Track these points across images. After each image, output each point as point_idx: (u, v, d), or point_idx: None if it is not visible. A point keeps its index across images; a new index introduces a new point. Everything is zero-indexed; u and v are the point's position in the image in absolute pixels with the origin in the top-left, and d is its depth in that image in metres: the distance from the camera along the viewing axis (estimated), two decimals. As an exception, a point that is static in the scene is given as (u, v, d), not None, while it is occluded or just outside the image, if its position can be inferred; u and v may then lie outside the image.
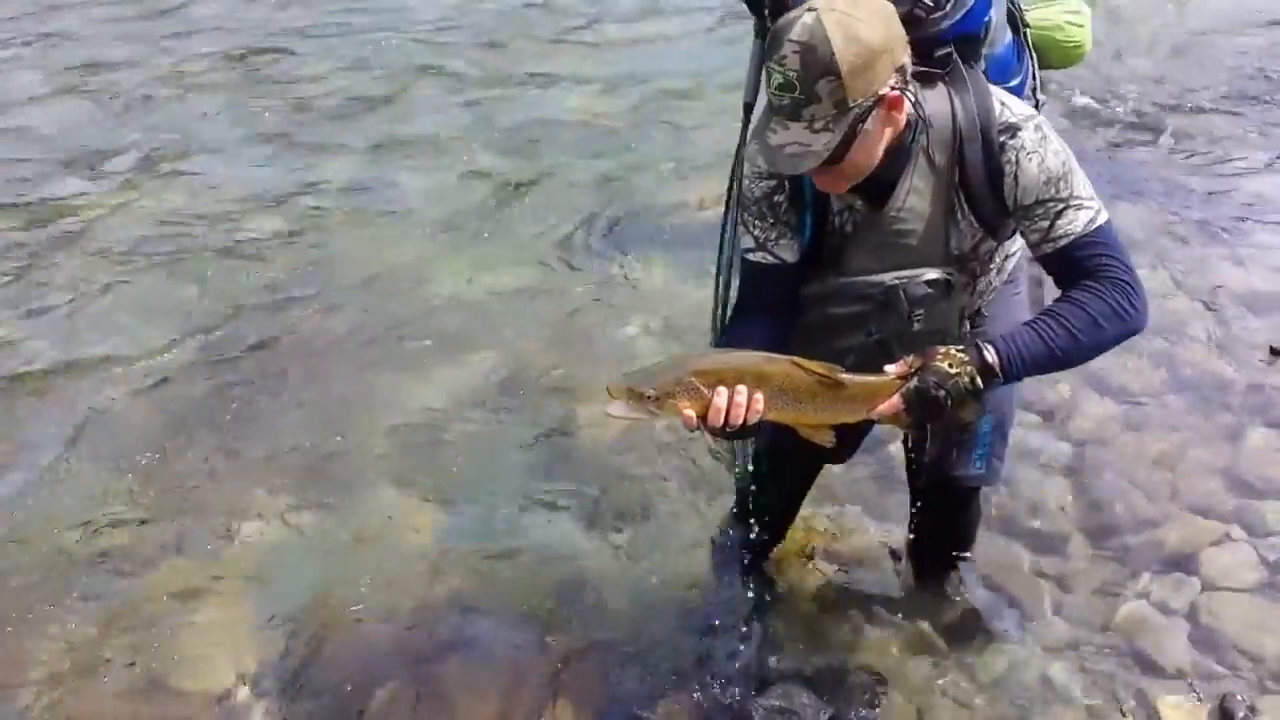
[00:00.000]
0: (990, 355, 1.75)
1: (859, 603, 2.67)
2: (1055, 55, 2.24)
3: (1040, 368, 1.80)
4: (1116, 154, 5.20)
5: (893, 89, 1.69)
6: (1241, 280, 3.96)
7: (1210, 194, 4.69)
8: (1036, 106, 2.11)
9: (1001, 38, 2.03)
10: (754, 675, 2.41)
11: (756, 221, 1.95)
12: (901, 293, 1.88)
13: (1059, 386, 3.37)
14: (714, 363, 1.73)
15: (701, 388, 1.67)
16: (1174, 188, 4.78)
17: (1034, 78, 2.17)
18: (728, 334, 2.11)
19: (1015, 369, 1.76)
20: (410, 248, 4.58)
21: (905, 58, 1.71)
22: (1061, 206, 1.80)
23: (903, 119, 1.75)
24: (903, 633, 2.58)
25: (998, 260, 2.04)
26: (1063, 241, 1.80)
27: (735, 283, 2.21)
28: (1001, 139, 1.79)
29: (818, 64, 1.62)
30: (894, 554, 2.78)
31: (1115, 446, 3.14)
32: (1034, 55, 2.17)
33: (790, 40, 1.63)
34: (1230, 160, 5.01)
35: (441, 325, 3.98)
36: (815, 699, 2.24)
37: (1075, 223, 1.79)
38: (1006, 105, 1.83)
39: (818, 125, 1.66)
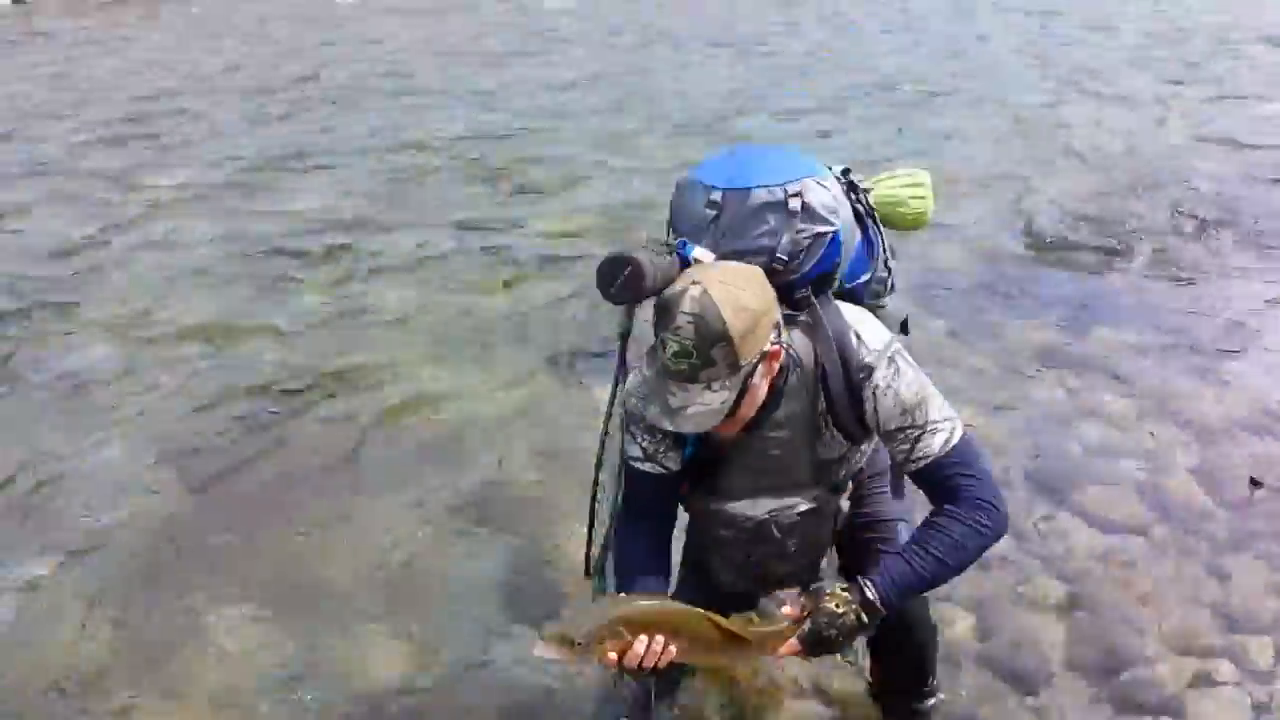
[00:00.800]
0: (870, 593, 1.90)
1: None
2: (901, 224, 2.35)
3: (916, 592, 1.98)
4: (1088, 278, 5.30)
5: (773, 344, 1.86)
6: (1219, 409, 3.99)
7: (1185, 317, 4.77)
8: (888, 276, 2.26)
9: (851, 243, 2.10)
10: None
11: (645, 435, 2.06)
12: (773, 525, 2.09)
13: (1047, 521, 3.36)
14: (638, 613, 1.87)
15: (626, 634, 1.83)
16: (1148, 311, 4.86)
17: (884, 250, 2.26)
18: (618, 541, 2.20)
19: (893, 600, 1.92)
20: (394, 360, 4.60)
21: (778, 314, 1.88)
22: (918, 433, 1.95)
23: (778, 366, 1.91)
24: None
25: (866, 450, 2.18)
26: (923, 463, 1.96)
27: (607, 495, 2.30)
28: (860, 376, 1.94)
29: (711, 333, 1.77)
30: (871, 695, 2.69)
31: (1102, 581, 3.10)
32: (882, 233, 2.25)
33: (683, 312, 1.78)
34: (1205, 284, 5.11)
35: (421, 441, 3.97)
36: None
37: (931, 446, 1.94)
38: (862, 340, 1.96)
39: (715, 386, 1.81)
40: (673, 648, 1.86)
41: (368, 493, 3.67)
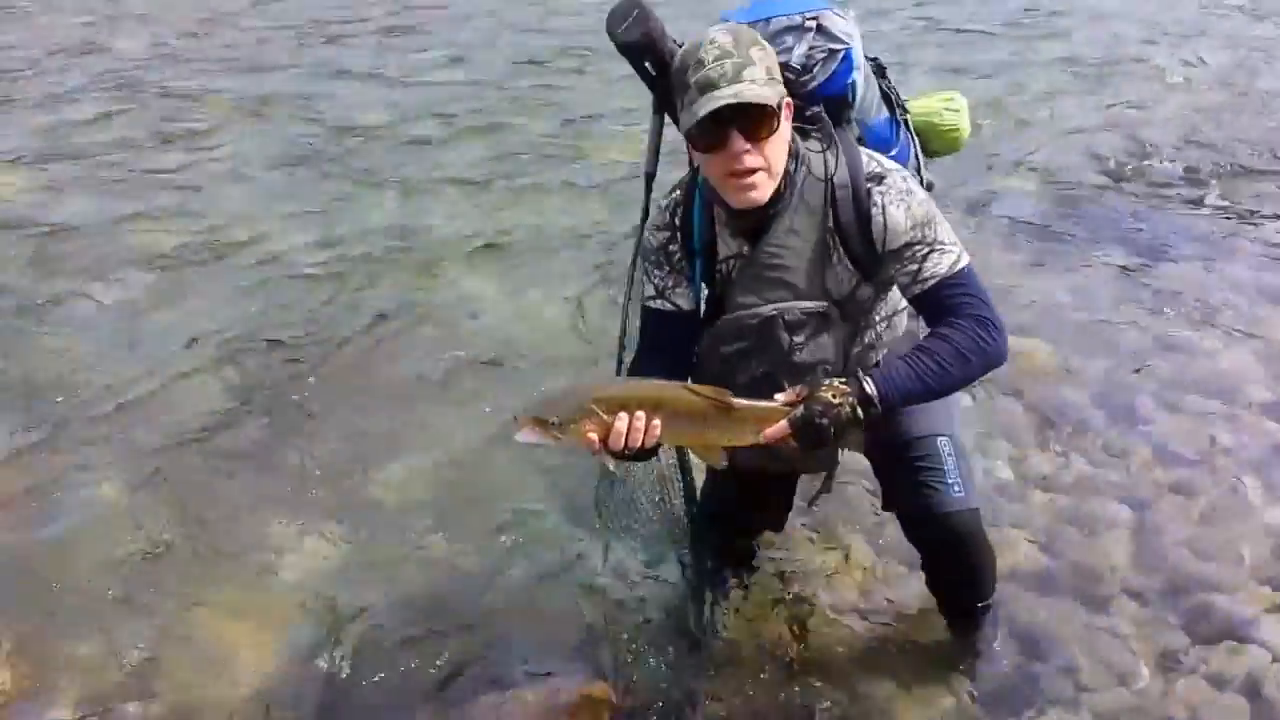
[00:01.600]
0: (869, 387, 1.90)
1: (896, 661, 2.56)
2: (936, 141, 2.45)
3: (915, 398, 1.96)
4: (1166, 212, 5.15)
5: (784, 98, 1.92)
6: (1293, 340, 3.88)
7: (1258, 253, 4.62)
8: (921, 179, 2.31)
9: (875, 110, 2.23)
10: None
11: (655, 270, 2.13)
12: (780, 320, 2.04)
13: (1114, 445, 3.30)
14: (613, 390, 1.88)
15: (602, 414, 1.79)
16: (1219, 246, 4.72)
17: (917, 158, 2.36)
18: (628, 374, 2.26)
19: (892, 399, 1.91)
20: (450, 281, 4.63)
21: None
22: (927, 250, 1.97)
23: (789, 133, 1.95)
24: (944, 696, 2.47)
25: (882, 311, 2.18)
26: (930, 283, 1.98)
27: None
28: (869, 185, 1.97)
29: (746, 37, 1.88)
30: (927, 609, 2.67)
31: (1169, 509, 3.03)
32: (915, 139, 2.36)
33: (713, 32, 1.88)
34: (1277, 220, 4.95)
35: (478, 362, 3.98)
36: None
37: (940, 265, 1.97)
38: (874, 158, 2.02)
39: (760, 80, 1.86)
40: (656, 423, 1.83)
41: (429, 407, 3.70)
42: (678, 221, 2.12)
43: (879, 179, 1.97)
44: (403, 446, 3.48)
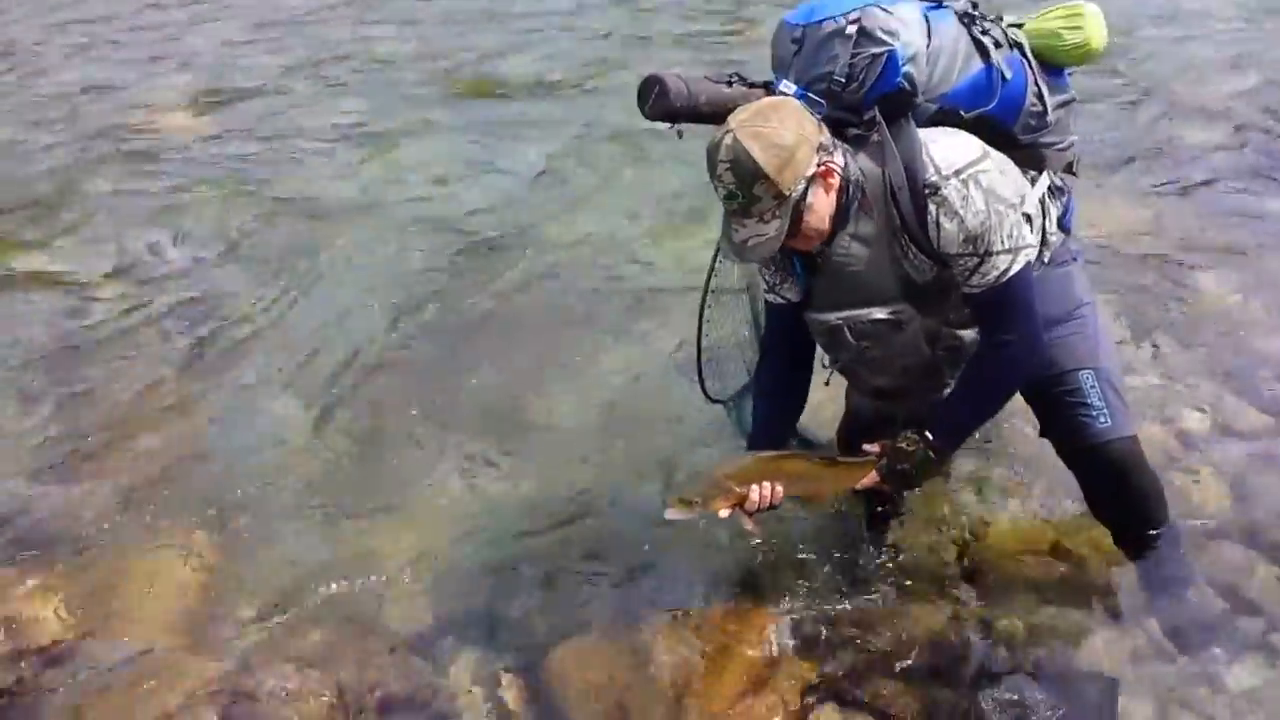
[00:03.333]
0: (933, 439, 2.17)
1: (1079, 596, 2.50)
2: (1065, 57, 2.31)
3: (969, 430, 2.34)
4: None
5: (819, 166, 1.96)
6: None
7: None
8: (1044, 112, 2.24)
9: (959, 73, 2.17)
10: (981, 668, 2.29)
11: (764, 269, 2.26)
12: (846, 330, 2.19)
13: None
14: (736, 469, 2.22)
15: (734, 488, 2.17)
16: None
17: (1037, 84, 2.25)
18: (757, 369, 2.53)
19: (951, 442, 2.24)
20: (607, 222, 4.65)
21: (821, 136, 1.97)
22: (976, 262, 2.03)
23: (837, 182, 2.00)
24: (1130, 631, 2.40)
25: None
26: (976, 290, 2.08)
27: (711, 313, 2.64)
28: (926, 193, 2.00)
29: (747, 174, 1.92)
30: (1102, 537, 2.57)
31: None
32: (1033, 69, 2.25)
33: (720, 161, 1.95)
34: None
35: (635, 298, 4.01)
36: (1048, 697, 2.12)
37: (987, 276, 2.05)
38: (934, 160, 2.01)
39: (766, 217, 1.97)
40: (779, 488, 2.18)
41: (583, 337, 3.77)
42: None
43: (935, 190, 2.00)
44: (559, 377, 3.54)
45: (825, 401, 2.66)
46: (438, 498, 3.02)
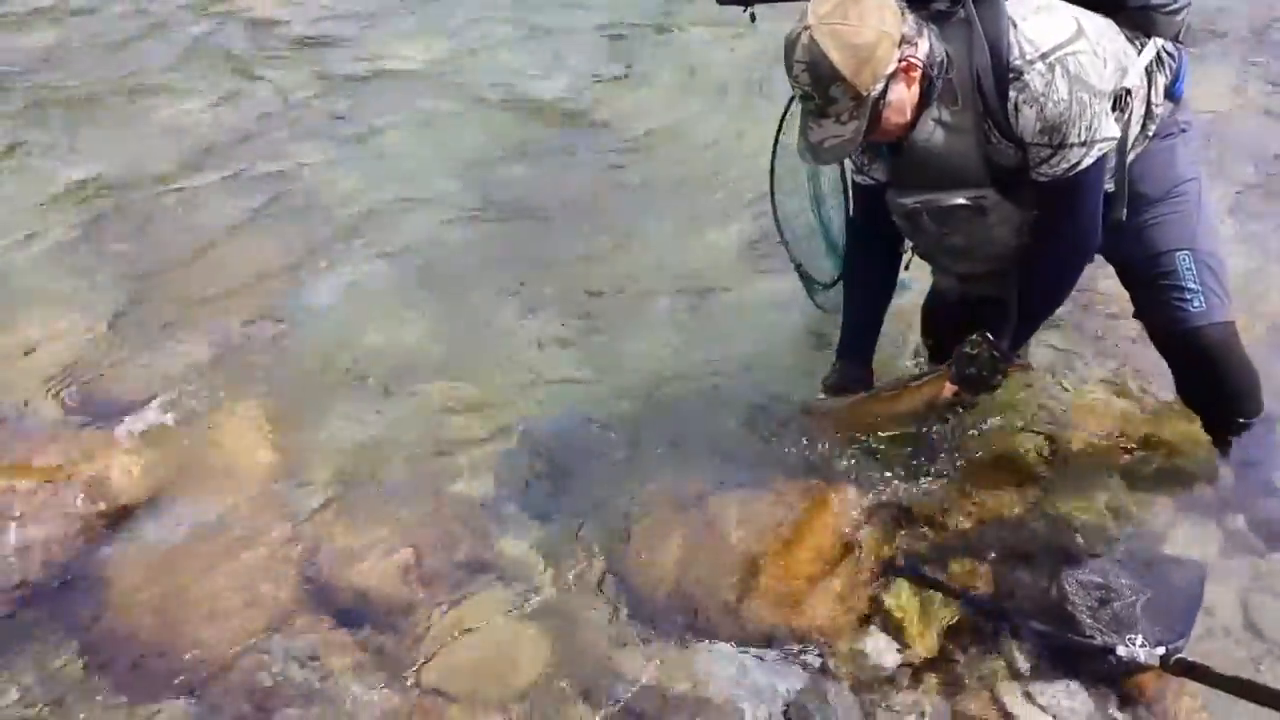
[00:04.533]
0: (993, 338, 2.15)
1: (1167, 485, 2.44)
2: None
3: (1029, 330, 2.30)
4: None
5: (900, 62, 1.89)
6: None
7: None
8: None
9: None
10: (1063, 552, 2.25)
11: (855, 151, 2.16)
12: (923, 214, 2.15)
13: None
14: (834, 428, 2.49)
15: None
16: None
17: None
18: (847, 253, 2.56)
19: (1014, 342, 2.22)
20: (695, 110, 4.48)
21: (904, 27, 1.89)
22: (1050, 152, 1.97)
23: (919, 74, 1.93)
24: (1218, 521, 2.35)
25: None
26: (1042, 179, 2.02)
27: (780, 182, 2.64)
28: (1010, 78, 1.92)
29: (824, 76, 1.86)
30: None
31: None
32: None
33: (796, 60, 1.89)
34: None
35: (728, 186, 3.86)
36: (1133, 580, 2.06)
37: (1057, 168, 1.99)
38: (1023, 40, 1.91)
39: (844, 118, 1.91)
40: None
41: (654, 215, 3.70)
42: None
43: (1018, 75, 1.91)
44: (640, 259, 3.49)
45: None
46: (514, 372, 3.00)
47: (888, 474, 2.50)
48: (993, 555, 2.28)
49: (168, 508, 2.58)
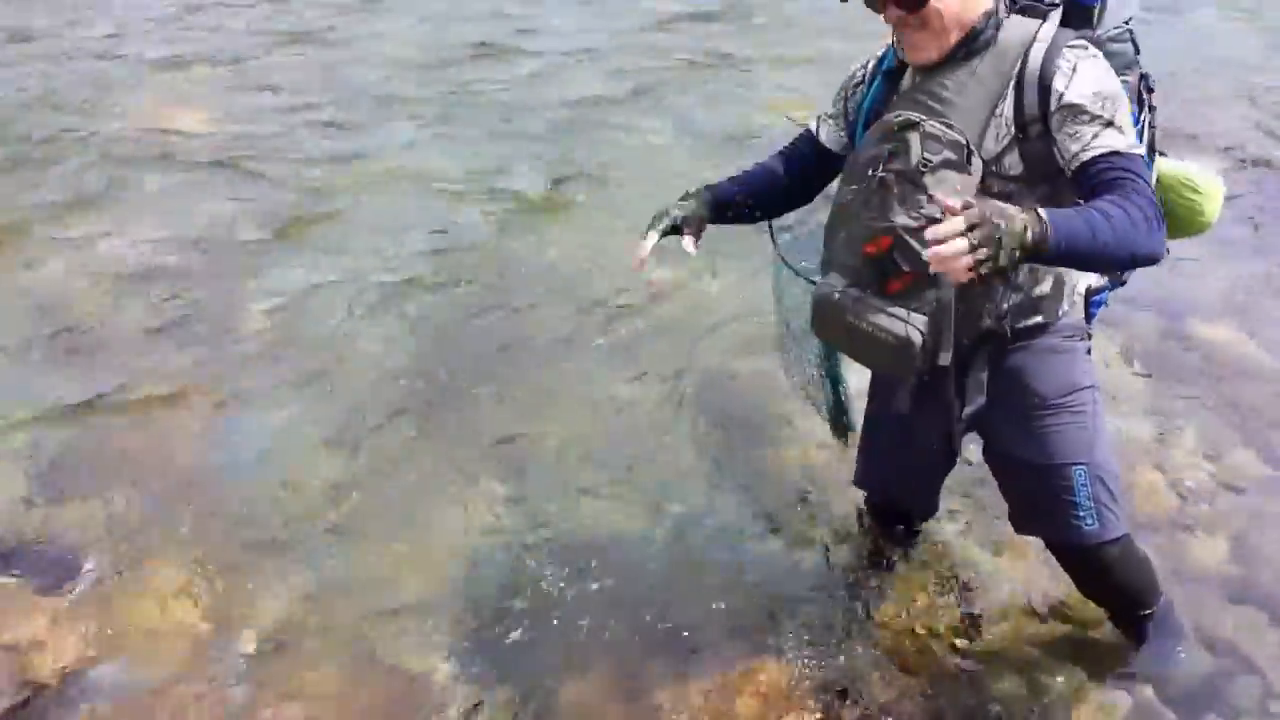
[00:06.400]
0: (1043, 213, 1.69)
1: (1079, 657, 2.52)
2: (1168, 216, 1.98)
3: (1079, 250, 1.72)
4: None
5: None
6: None
7: None
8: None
9: (1121, 67, 2.01)
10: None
11: (836, 98, 2.23)
12: (922, 126, 1.92)
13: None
14: None
15: None
16: None
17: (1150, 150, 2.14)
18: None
19: (1060, 234, 1.68)
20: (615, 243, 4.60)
21: None
22: (1106, 123, 1.85)
23: (984, 4, 1.92)
24: (1128, 693, 2.42)
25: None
26: (1101, 150, 1.84)
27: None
28: (1071, 43, 1.89)
29: None
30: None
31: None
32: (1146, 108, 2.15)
33: None
34: None
35: (635, 324, 3.99)
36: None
37: (1117, 141, 1.84)
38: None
39: None
40: None
41: (587, 362, 3.72)
42: (880, 54, 2.19)
43: (1084, 44, 1.91)
44: (566, 406, 3.52)
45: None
46: (441, 528, 3.00)
47: (810, 639, 2.56)
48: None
49: (91, 678, 2.53)
